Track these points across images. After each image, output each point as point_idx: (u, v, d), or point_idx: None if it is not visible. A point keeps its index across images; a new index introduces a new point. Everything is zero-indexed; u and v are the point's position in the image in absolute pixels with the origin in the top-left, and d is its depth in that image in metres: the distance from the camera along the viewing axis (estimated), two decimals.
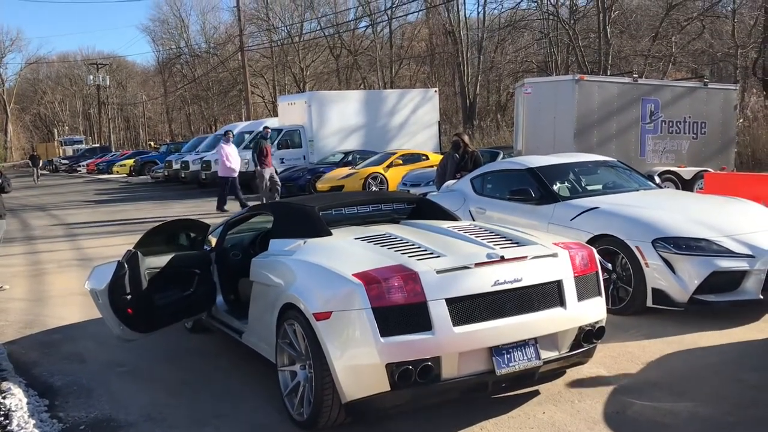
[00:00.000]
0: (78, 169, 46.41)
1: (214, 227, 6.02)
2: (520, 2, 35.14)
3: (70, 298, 7.94)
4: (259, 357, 4.88)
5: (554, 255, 4.13)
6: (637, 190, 7.21)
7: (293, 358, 4.20)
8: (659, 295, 5.82)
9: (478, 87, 38.80)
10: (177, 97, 67.52)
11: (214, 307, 5.52)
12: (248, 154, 21.95)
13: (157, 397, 4.77)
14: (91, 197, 24.59)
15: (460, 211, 7.46)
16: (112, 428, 4.25)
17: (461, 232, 4.54)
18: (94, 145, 58.71)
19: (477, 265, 3.86)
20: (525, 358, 3.90)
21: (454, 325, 3.70)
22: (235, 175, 16.07)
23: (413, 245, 4.18)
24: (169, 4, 66.48)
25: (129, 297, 4.89)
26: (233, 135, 16.49)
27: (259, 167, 16.11)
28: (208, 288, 5.45)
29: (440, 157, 19.67)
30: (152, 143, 62.70)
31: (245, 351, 5.26)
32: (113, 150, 54.37)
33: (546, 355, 3.99)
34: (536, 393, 4.45)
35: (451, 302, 3.72)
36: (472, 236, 4.41)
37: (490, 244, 4.17)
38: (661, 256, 5.78)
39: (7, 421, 3.93)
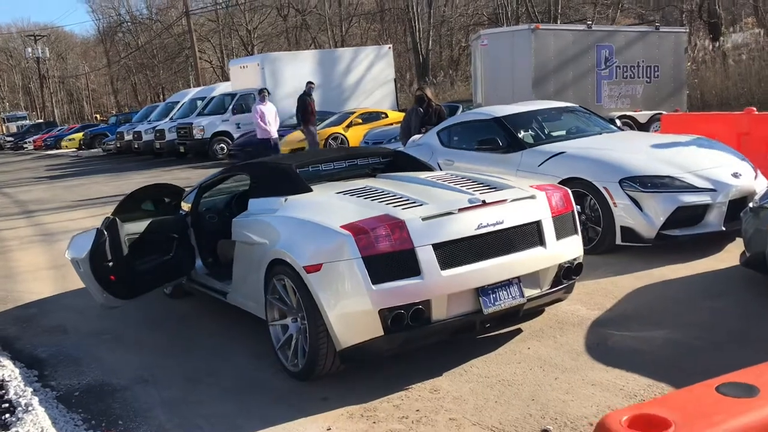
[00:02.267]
0: (24, 145, 44.95)
1: (187, 192, 5.99)
2: None
3: (40, 272, 7.84)
4: (244, 316, 4.94)
5: (532, 197, 4.26)
6: (600, 134, 7.39)
7: (284, 312, 4.28)
8: (628, 232, 6.04)
9: (430, 43, 38.63)
10: (121, 67, 65.53)
11: (193, 271, 5.54)
12: (217, 120, 21.64)
13: (146, 360, 4.80)
14: (42, 173, 23.96)
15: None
16: (107, 392, 4.28)
17: (440, 181, 4.63)
18: (38, 121, 56.86)
19: (460, 210, 3.97)
20: (510, 296, 4.04)
21: (441, 269, 3.81)
22: (275, 136, 14.50)
23: (396, 196, 4.25)
24: None
25: (110, 264, 4.88)
26: (268, 93, 14.85)
27: (304, 126, 14.93)
28: (186, 252, 5.45)
29: (399, 114, 19.69)
30: (98, 116, 60.99)
31: (229, 312, 5.32)
32: (59, 125, 52.76)
33: (529, 292, 4.14)
34: (519, 331, 4.62)
35: (437, 247, 3.83)
36: (451, 184, 4.50)
37: (470, 191, 4.27)
38: (628, 195, 5.98)
39: (3, 391, 3.93)
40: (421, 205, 4.02)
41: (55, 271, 7.83)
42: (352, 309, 3.78)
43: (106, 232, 4.85)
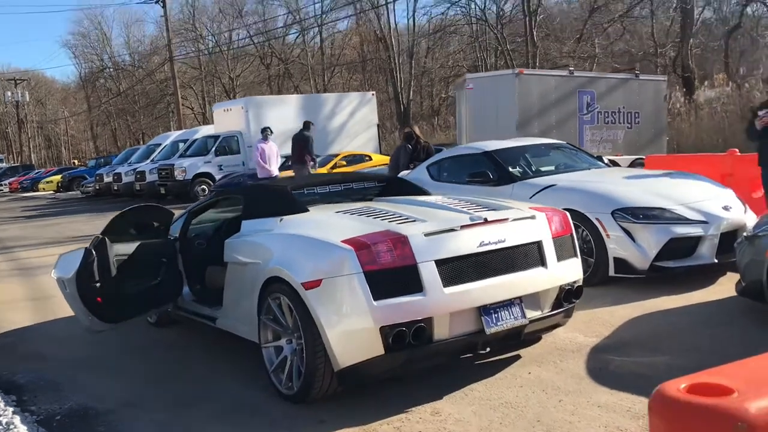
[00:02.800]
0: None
1: (177, 217, 5.87)
2: (449, 8, 35.71)
3: (18, 303, 7.60)
4: (233, 342, 4.80)
5: (532, 217, 4.23)
6: (589, 169, 7.44)
7: (278, 333, 4.14)
8: (621, 264, 6.02)
9: (411, 93, 39.23)
10: (102, 112, 65.50)
11: (180, 298, 5.39)
12: (199, 161, 21.45)
13: (132, 386, 4.61)
14: (19, 214, 23.57)
15: None
16: (91, 416, 4.09)
17: (439, 203, 4.60)
18: (15, 164, 56.29)
19: (462, 227, 3.92)
20: (512, 317, 3.96)
21: (444, 286, 3.74)
22: (275, 175, 13.92)
23: (396, 214, 4.20)
24: (89, 18, 64.52)
25: (98, 285, 4.72)
26: (271, 132, 14.32)
27: (299, 163, 13.64)
28: (175, 277, 5.31)
29: (383, 157, 19.78)
30: (76, 161, 60.55)
31: (217, 339, 5.17)
32: (36, 168, 52.26)
33: (531, 314, 4.07)
34: (518, 357, 4.53)
35: (440, 264, 3.76)
36: (451, 205, 4.47)
37: (470, 210, 4.23)
38: (620, 226, 5.98)
39: None
40: (422, 222, 3.97)
41: (34, 302, 7.59)
42: (352, 326, 3.67)
43: (94, 252, 4.71)
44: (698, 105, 23.58)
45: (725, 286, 5.80)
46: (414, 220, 4.01)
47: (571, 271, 4.32)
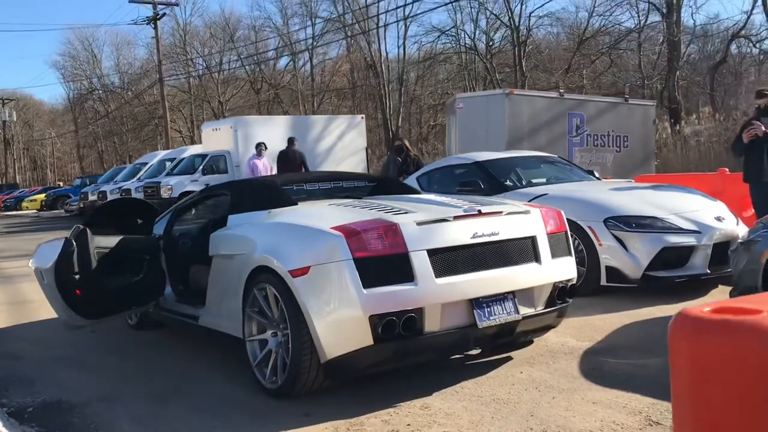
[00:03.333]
0: None
1: (161, 216, 5.73)
2: (438, 37, 36.06)
3: None
4: (215, 343, 4.66)
5: (527, 212, 4.15)
6: (581, 181, 7.40)
7: (264, 325, 4.01)
8: (613, 272, 5.93)
9: (400, 120, 39.39)
10: (89, 134, 65.26)
11: (162, 298, 5.22)
12: (186, 180, 21.29)
13: (109, 381, 4.44)
14: (1, 230, 23.22)
15: None
16: (65, 409, 3.91)
17: (431, 198, 4.51)
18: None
19: (456, 218, 3.82)
20: (505, 311, 3.86)
21: (436, 277, 3.63)
22: None
23: (386, 207, 4.10)
24: (80, 39, 64.50)
25: (77, 276, 4.55)
26: (265, 147, 14.30)
27: None
28: (157, 275, 5.16)
29: None
30: (61, 183, 60.05)
31: (198, 340, 5.03)
32: (21, 187, 51.79)
33: (524, 310, 3.96)
34: (509, 358, 4.41)
35: (432, 253, 3.65)
36: (443, 200, 4.38)
37: (464, 204, 4.15)
38: (613, 235, 5.91)
39: None
40: (414, 212, 3.87)
41: (10, 305, 7.39)
42: (340, 315, 3.54)
43: (75, 242, 4.55)
44: (685, 136, 23.82)
45: (718, 297, 5.72)
46: (406, 212, 3.91)
47: (566, 269, 4.23)
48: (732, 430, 1.10)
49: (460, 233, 3.77)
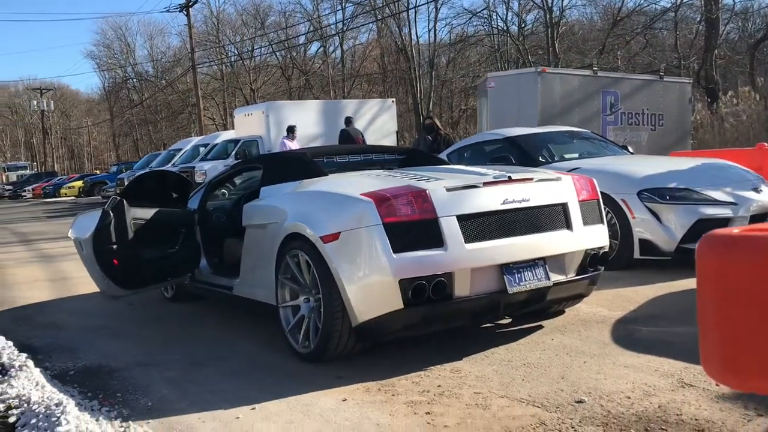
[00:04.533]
0: (23, 194, 44.86)
1: (195, 191, 5.83)
2: (470, 19, 35.75)
3: (37, 283, 7.58)
4: (249, 312, 4.75)
5: (558, 179, 4.13)
6: (615, 155, 7.31)
7: (296, 291, 4.07)
8: (646, 245, 5.87)
9: (431, 104, 39.23)
10: (124, 122, 66.26)
11: (197, 270, 5.32)
12: (219, 165, 21.54)
13: (147, 348, 4.55)
14: (40, 215, 23.79)
15: None
16: (104, 372, 4.02)
17: (461, 168, 4.52)
18: (38, 172, 57.01)
19: (485, 184, 3.82)
20: (535, 277, 3.85)
21: (465, 242, 3.64)
22: None
23: (417, 175, 4.12)
24: (113, 29, 65.35)
25: (114, 247, 4.67)
26: (295, 130, 14.48)
27: None
28: (193, 248, 5.25)
29: None
30: (98, 171, 61.17)
31: (233, 311, 5.13)
32: (59, 175, 52.89)
33: (555, 277, 3.95)
34: (540, 327, 4.41)
35: (461, 219, 3.66)
36: (474, 169, 4.39)
37: (494, 171, 4.15)
38: (647, 207, 5.84)
39: None
40: (444, 180, 3.88)
41: (53, 282, 7.58)
42: (371, 279, 3.58)
43: (112, 213, 4.66)
44: (722, 117, 23.31)
45: None
46: (436, 179, 3.92)
47: (597, 236, 4.20)
48: (757, 344, 1.11)
49: (490, 199, 3.78)
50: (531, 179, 4.00)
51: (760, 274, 1.09)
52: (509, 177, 3.90)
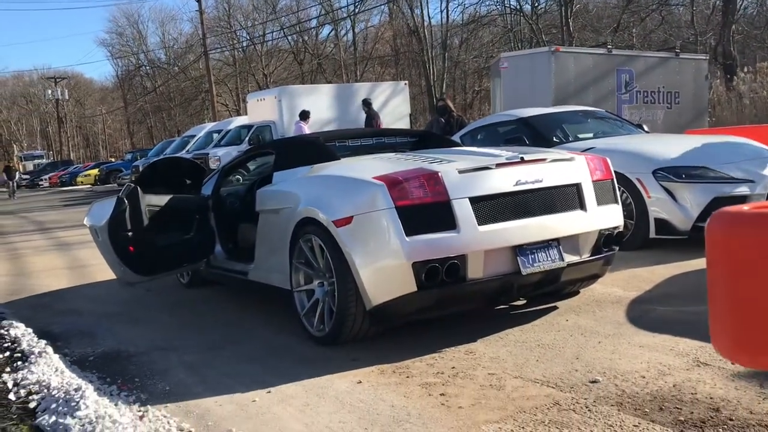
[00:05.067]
0: (39, 183, 45.26)
1: (209, 177, 5.85)
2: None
3: (55, 271, 7.68)
4: (265, 298, 4.78)
5: (571, 159, 4.10)
6: (630, 134, 7.25)
7: (310, 276, 4.08)
8: (662, 225, 5.83)
9: (444, 86, 39.02)
10: (138, 110, 66.53)
11: (212, 256, 5.36)
12: (233, 150, 21.58)
13: (164, 333, 4.60)
14: (57, 204, 24.02)
15: None
16: (123, 357, 4.08)
17: (473, 149, 4.50)
18: (54, 160, 57.45)
19: (498, 165, 3.81)
20: (549, 258, 3.84)
21: (478, 224, 3.63)
22: None
23: (429, 157, 4.10)
24: (126, 16, 65.50)
25: (130, 234, 4.71)
26: (309, 115, 14.35)
27: None
28: (207, 234, 5.29)
29: None
30: (113, 159, 61.51)
31: (249, 297, 5.16)
32: (75, 163, 53.29)
33: (569, 258, 3.94)
34: (555, 308, 4.40)
35: (474, 201, 3.66)
36: (486, 150, 4.36)
37: (507, 152, 4.12)
38: (662, 186, 5.79)
39: (16, 344, 3.73)
40: (456, 162, 3.87)
41: (71, 270, 7.67)
42: (384, 263, 3.59)
43: (126, 201, 4.70)
44: (740, 93, 23.00)
45: None
46: (448, 161, 3.91)
47: (612, 216, 4.18)
48: (766, 319, 1.10)
49: (502, 181, 3.76)
50: (544, 159, 3.97)
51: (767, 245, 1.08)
52: (522, 158, 3.88)
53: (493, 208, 3.72)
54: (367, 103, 14.48)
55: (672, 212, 5.76)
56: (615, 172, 5.99)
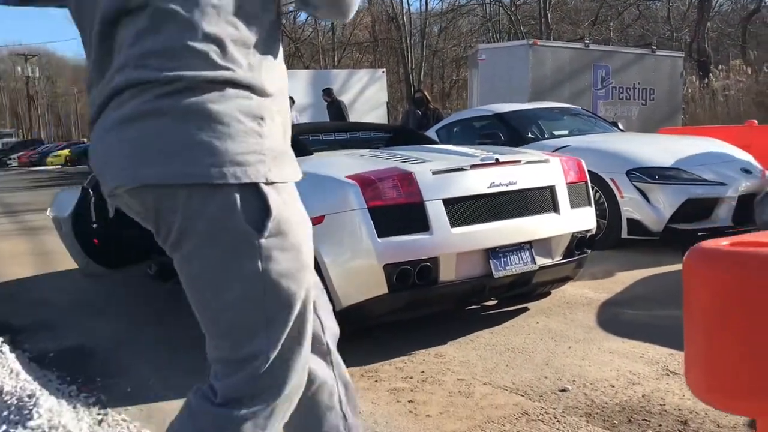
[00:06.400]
0: (8, 162, 44.35)
1: None
2: None
3: (21, 257, 7.49)
4: None
5: (546, 161, 4.07)
6: (605, 132, 7.26)
7: None
8: (634, 225, 5.85)
9: (422, 74, 38.91)
10: None
11: None
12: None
13: (130, 328, 4.50)
14: (26, 184, 23.55)
15: None
16: (85, 354, 3.97)
17: (448, 148, 4.44)
18: (24, 139, 56.32)
19: (472, 167, 3.76)
20: (521, 261, 3.82)
21: (451, 226, 3.59)
22: None
23: (403, 156, 4.04)
24: None
25: (95, 226, 4.57)
26: (293, 101, 13.25)
27: None
28: None
29: None
30: (86, 140, 60.43)
31: None
32: (45, 142, 52.29)
33: (541, 260, 3.92)
34: (526, 309, 4.38)
35: (447, 203, 3.61)
36: (461, 150, 4.31)
37: (482, 153, 4.08)
38: (635, 187, 5.81)
39: None
40: (430, 162, 3.81)
41: (38, 256, 7.49)
42: (355, 264, 3.53)
43: (92, 191, 4.55)
44: (714, 90, 23.23)
45: None
46: (422, 161, 3.85)
47: (585, 219, 4.16)
48: (741, 362, 1.06)
49: (476, 182, 3.72)
50: (518, 161, 3.93)
51: (748, 288, 1.04)
52: (497, 159, 3.84)
53: (467, 210, 3.67)
54: (327, 92, 13.83)
55: (645, 213, 5.79)
56: (589, 171, 6.01)
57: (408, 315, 3.79)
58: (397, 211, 3.52)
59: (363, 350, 3.74)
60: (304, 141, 4.75)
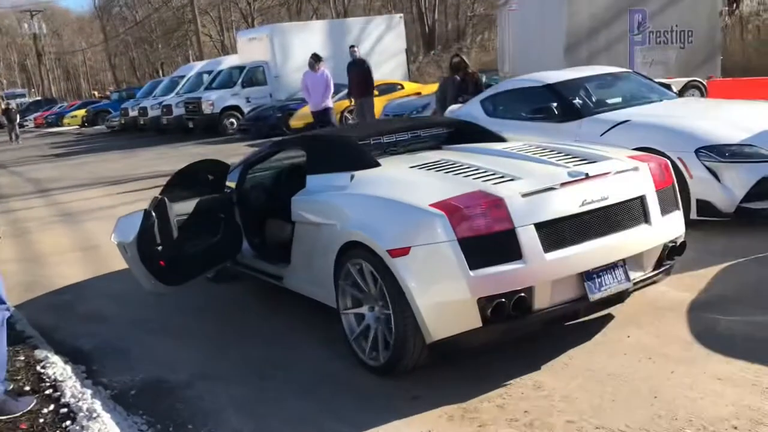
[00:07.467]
0: (24, 123, 44.13)
1: (232, 168, 5.54)
2: None
3: (67, 255, 7.42)
4: (297, 299, 4.58)
5: (635, 169, 3.84)
6: (661, 101, 6.93)
7: (359, 299, 3.86)
8: (704, 206, 5.61)
9: (436, 13, 37.88)
10: (119, 42, 64.54)
11: (239, 253, 5.12)
12: (227, 94, 20.84)
13: (201, 352, 4.40)
14: (47, 151, 23.45)
15: None
16: (166, 390, 3.88)
17: (524, 153, 4.20)
18: (37, 98, 55.98)
19: (563, 185, 3.54)
20: (615, 281, 3.64)
21: (545, 252, 3.40)
22: (323, 108, 12.34)
23: (482, 170, 3.82)
24: None
25: (160, 248, 4.45)
26: (318, 59, 12.50)
27: (362, 97, 13.03)
28: (234, 232, 5.03)
29: (415, 85, 19.12)
30: (96, 93, 59.97)
31: (278, 295, 4.94)
32: (59, 101, 51.94)
33: (634, 275, 3.74)
34: (611, 317, 4.22)
35: (540, 227, 3.41)
36: (540, 156, 4.07)
37: (565, 163, 3.85)
38: (705, 166, 5.55)
39: (59, 393, 3.52)
40: (517, 180, 3.59)
41: (83, 253, 7.41)
42: (446, 298, 3.36)
43: (154, 214, 4.42)
44: (744, 19, 22.36)
45: None
46: (508, 178, 3.63)
47: (675, 225, 3.96)
48: None
49: (568, 202, 3.51)
50: (608, 173, 3.71)
51: None
52: (586, 174, 3.61)
53: (559, 232, 3.48)
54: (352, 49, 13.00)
55: (715, 193, 5.54)
56: (654, 150, 5.76)
57: (498, 343, 3.65)
58: (488, 240, 3.34)
59: (453, 379, 3.63)
60: (367, 149, 4.53)
